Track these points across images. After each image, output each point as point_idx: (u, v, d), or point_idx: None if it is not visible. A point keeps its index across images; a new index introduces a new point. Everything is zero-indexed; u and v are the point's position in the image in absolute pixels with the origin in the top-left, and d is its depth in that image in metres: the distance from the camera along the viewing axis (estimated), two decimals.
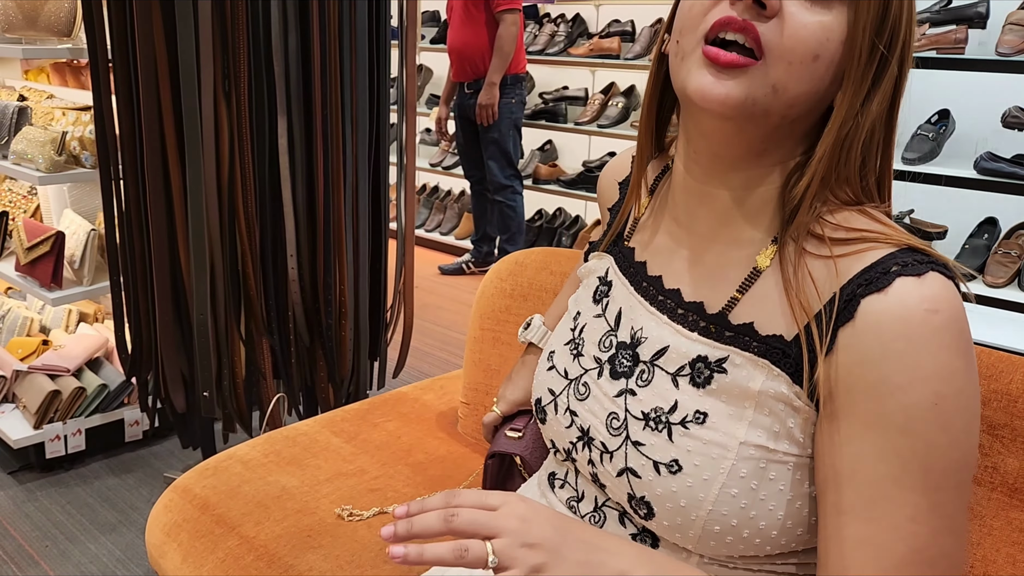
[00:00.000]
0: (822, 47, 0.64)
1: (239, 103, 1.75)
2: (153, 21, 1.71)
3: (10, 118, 2.28)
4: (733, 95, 0.64)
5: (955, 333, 0.62)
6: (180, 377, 1.91)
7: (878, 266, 0.64)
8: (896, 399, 0.62)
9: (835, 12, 0.64)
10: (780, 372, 0.67)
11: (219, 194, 1.77)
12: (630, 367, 0.76)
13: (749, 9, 0.63)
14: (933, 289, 0.63)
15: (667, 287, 0.77)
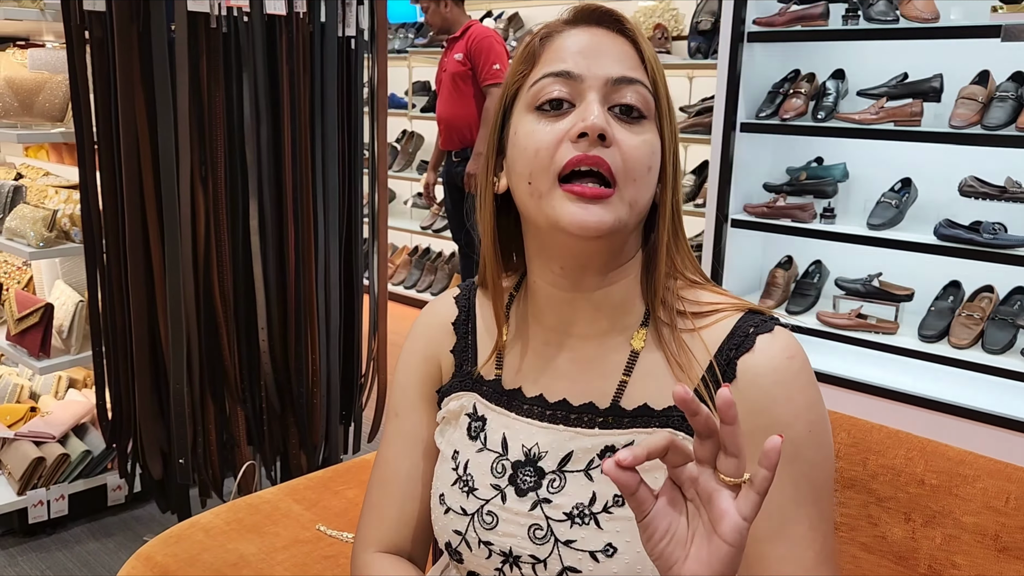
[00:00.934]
0: (651, 159, 0.76)
1: (215, 187, 1.87)
2: (136, 109, 1.84)
3: (5, 196, 2.41)
4: (606, 220, 0.73)
5: (808, 370, 0.77)
6: (157, 444, 1.99)
7: (738, 331, 0.77)
8: (785, 434, 0.72)
9: (648, 128, 0.77)
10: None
11: (195, 271, 1.87)
12: (536, 480, 0.81)
13: (595, 144, 0.73)
14: (784, 339, 0.77)
15: (551, 401, 0.83)
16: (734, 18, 3.38)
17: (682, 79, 3.99)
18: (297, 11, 1.86)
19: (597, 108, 0.74)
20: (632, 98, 0.76)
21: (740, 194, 3.54)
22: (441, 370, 0.94)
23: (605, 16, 0.80)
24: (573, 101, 0.76)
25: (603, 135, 0.73)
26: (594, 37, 0.78)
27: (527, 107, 0.78)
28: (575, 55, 0.77)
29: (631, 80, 0.76)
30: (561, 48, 0.78)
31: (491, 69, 3.85)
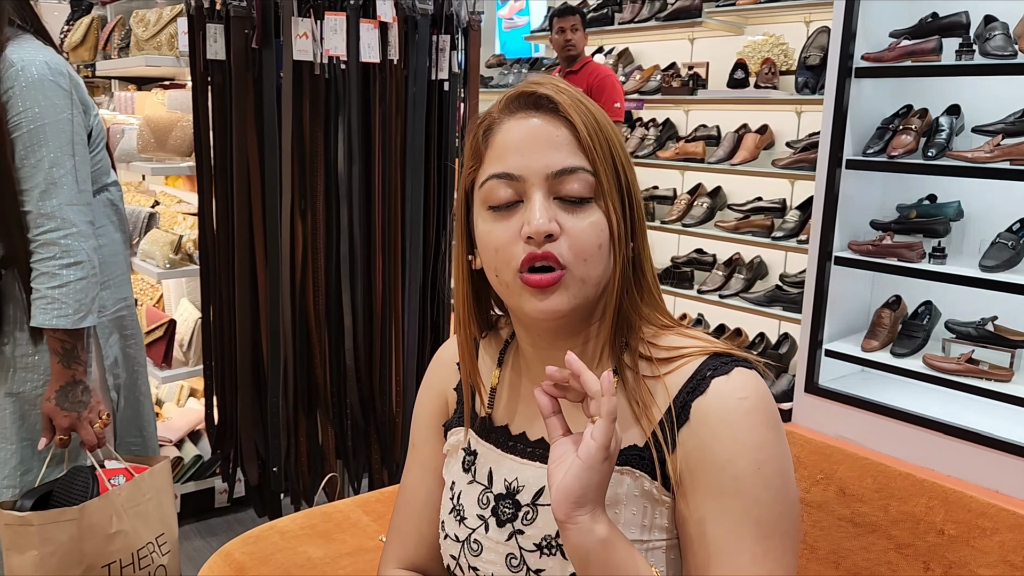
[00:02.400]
0: (600, 237, 0.82)
1: (314, 218, 2.04)
2: (248, 147, 2.04)
3: (142, 221, 2.69)
4: (562, 305, 0.82)
5: (763, 411, 0.80)
6: (255, 453, 2.17)
7: (696, 375, 0.83)
8: (727, 471, 0.78)
9: (594, 209, 0.82)
10: (641, 473, 0.83)
11: (292, 295, 2.04)
12: (513, 512, 0.89)
13: (542, 242, 0.80)
14: (739, 381, 0.81)
15: (532, 439, 0.91)
16: (841, 53, 3.33)
17: (790, 114, 3.95)
18: (391, 58, 2.01)
19: (539, 210, 0.80)
20: (574, 187, 0.81)
21: (845, 231, 3.46)
22: (448, 405, 1.04)
23: (540, 101, 0.83)
24: (520, 198, 0.82)
25: (549, 233, 0.80)
26: (531, 127, 0.83)
27: (481, 203, 0.85)
28: (514, 153, 0.82)
29: (570, 169, 0.81)
30: (501, 146, 0.83)
31: (612, 107, 3.94)
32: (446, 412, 1.04)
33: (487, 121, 0.87)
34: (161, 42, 2.44)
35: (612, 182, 0.82)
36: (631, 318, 0.86)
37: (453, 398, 1.03)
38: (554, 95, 0.83)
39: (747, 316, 3.92)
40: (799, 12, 3.81)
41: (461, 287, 0.92)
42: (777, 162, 3.74)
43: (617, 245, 0.83)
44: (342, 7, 1.94)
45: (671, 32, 4.32)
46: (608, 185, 0.82)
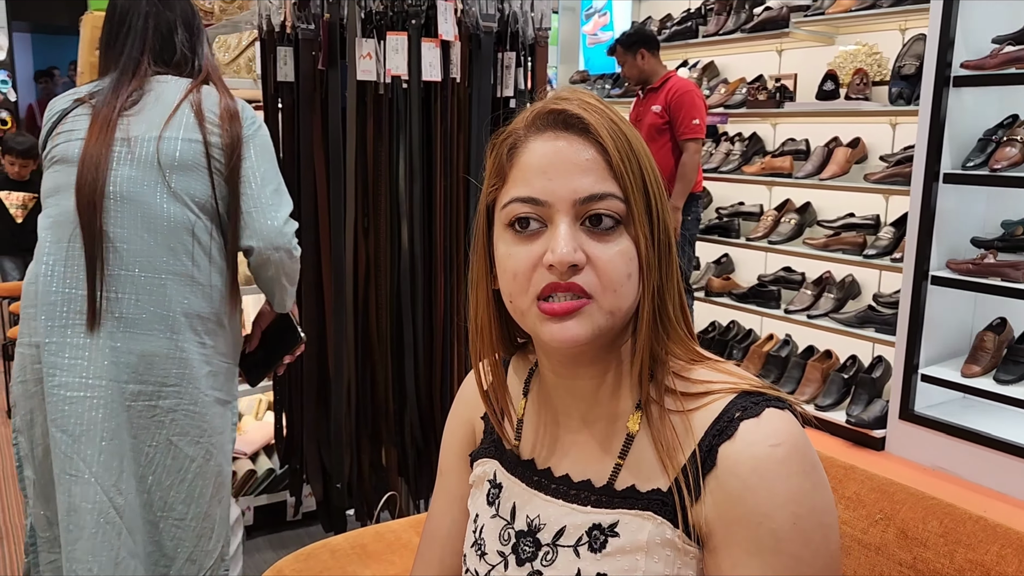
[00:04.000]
0: (630, 266, 0.76)
1: (376, 237, 2.05)
2: (316, 165, 2.07)
3: None
4: (582, 334, 0.75)
5: (798, 459, 0.73)
6: (320, 468, 2.19)
7: (724, 416, 0.76)
8: (764, 526, 0.72)
9: (623, 237, 0.76)
10: (663, 520, 0.77)
11: (355, 313, 2.06)
12: (533, 551, 0.84)
13: (566, 272, 0.74)
14: (772, 425, 0.74)
15: (556, 475, 0.86)
16: (938, 61, 3.15)
17: (883, 126, 3.77)
18: (452, 77, 2.01)
19: (564, 239, 0.74)
20: (602, 213, 0.76)
21: (943, 249, 3.27)
22: (475, 434, 1.00)
23: (569, 120, 0.78)
24: (544, 221, 0.77)
25: (574, 264, 0.74)
26: (559, 149, 0.77)
27: (503, 223, 0.80)
28: (540, 176, 0.76)
29: (599, 196, 0.75)
30: (526, 167, 0.78)
31: (691, 124, 3.85)
32: (473, 441, 1.00)
33: (512, 138, 0.81)
34: (240, 66, 2.52)
35: (643, 208, 0.76)
36: (657, 349, 0.80)
37: (480, 427, 0.99)
38: (584, 114, 0.77)
39: (837, 338, 3.74)
40: (894, 20, 3.64)
41: (484, 310, 0.87)
42: (870, 176, 3.57)
43: (646, 274, 0.77)
44: (404, 27, 1.95)
45: (758, 44, 4.20)
46: (639, 212, 0.76)
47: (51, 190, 1.51)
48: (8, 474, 3.13)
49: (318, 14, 1.99)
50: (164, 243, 1.48)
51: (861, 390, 3.59)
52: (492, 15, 2.06)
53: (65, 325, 1.43)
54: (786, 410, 0.76)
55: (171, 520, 1.53)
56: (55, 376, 1.42)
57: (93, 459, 1.42)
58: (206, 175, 1.52)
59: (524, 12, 2.12)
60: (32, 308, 1.47)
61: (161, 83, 1.55)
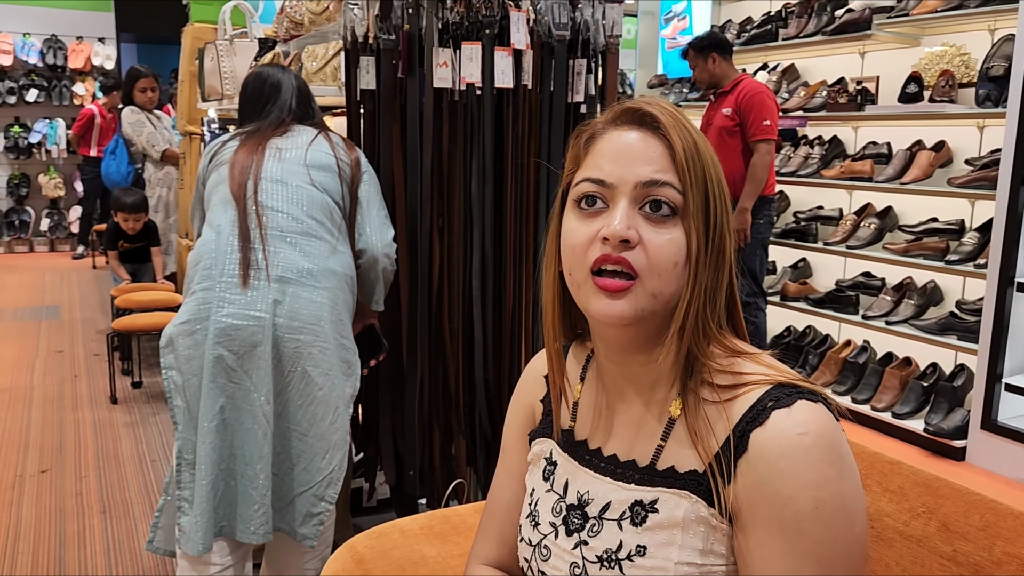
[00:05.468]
0: (677, 255, 0.83)
1: (451, 237, 2.15)
2: (395, 168, 2.18)
3: None
4: (627, 311, 0.83)
5: (824, 448, 0.78)
6: (394, 456, 2.30)
7: (757, 405, 0.82)
8: (787, 508, 0.78)
9: (677, 227, 0.84)
10: (698, 499, 0.84)
11: (429, 309, 2.16)
12: (581, 523, 0.92)
13: (618, 246, 0.83)
14: (802, 415, 0.80)
15: (605, 455, 0.94)
16: None
17: (970, 130, 3.68)
18: (524, 83, 2.09)
19: (620, 215, 0.82)
20: (660, 201, 0.83)
21: None
22: (535, 415, 1.08)
23: (644, 118, 0.87)
24: (607, 202, 0.85)
25: (626, 239, 0.82)
26: (630, 140, 0.86)
27: (572, 203, 0.89)
28: (610, 161, 0.85)
29: (659, 183, 0.83)
30: (599, 153, 0.87)
31: (761, 125, 3.84)
32: (533, 422, 1.08)
33: (591, 129, 0.91)
34: (327, 74, 2.67)
35: (699, 205, 0.83)
36: (700, 342, 0.86)
37: (540, 409, 1.07)
38: (658, 114, 0.85)
39: (917, 345, 3.67)
40: (982, 20, 3.55)
41: (550, 290, 0.96)
42: (953, 180, 3.49)
43: (694, 267, 0.84)
44: (478, 37, 2.04)
45: (840, 46, 4.15)
46: (694, 207, 0.83)
47: (212, 187, 1.97)
48: (110, 453, 3.37)
49: (398, 25, 2.10)
50: (309, 214, 1.88)
51: (941, 399, 3.51)
52: (564, 23, 2.13)
53: (234, 274, 1.80)
54: (819, 403, 0.81)
55: (297, 432, 1.85)
56: (224, 308, 1.76)
57: (253, 372, 1.77)
58: (337, 178, 1.96)
59: (596, 20, 2.19)
60: (210, 261, 1.82)
61: (297, 127, 2.04)
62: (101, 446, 3.46)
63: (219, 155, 2.01)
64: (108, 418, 3.80)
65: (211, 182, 1.99)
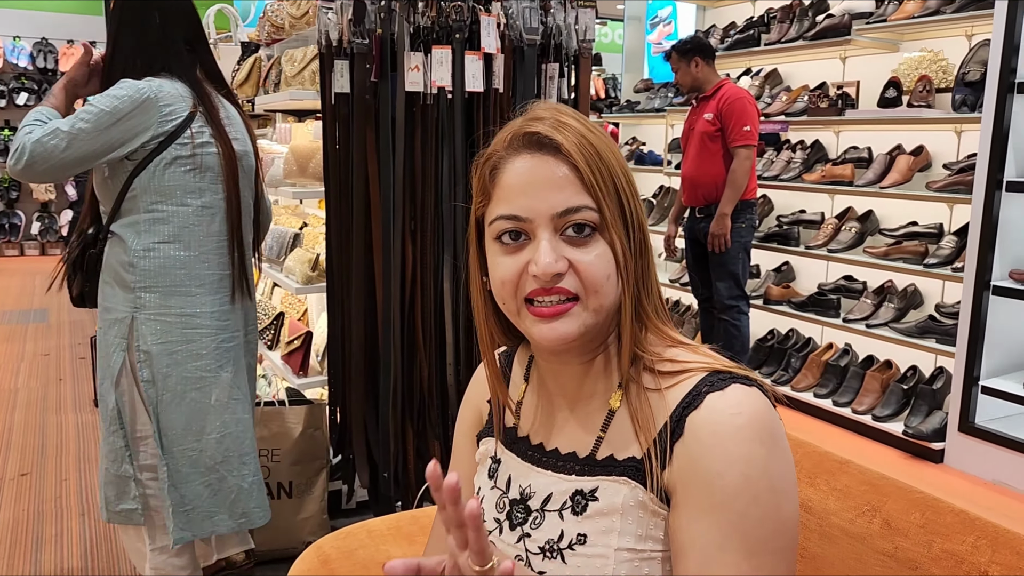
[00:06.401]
0: (607, 268, 0.85)
1: (422, 239, 2.17)
2: (368, 171, 2.20)
3: (288, 241, 2.94)
4: (571, 331, 0.85)
5: (756, 427, 0.80)
6: (367, 458, 2.31)
7: (694, 390, 0.84)
8: (715, 483, 0.80)
9: (600, 242, 0.85)
10: (636, 484, 0.85)
11: (402, 311, 2.17)
12: (524, 517, 0.94)
13: (550, 280, 0.83)
14: (735, 397, 0.82)
15: (547, 449, 0.95)
16: (1002, 67, 3.10)
17: (948, 134, 3.70)
18: (495, 87, 2.11)
19: (545, 250, 0.83)
20: (579, 224, 0.84)
21: (1006, 259, 3.20)
22: (482, 417, 1.09)
23: (541, 140, 0.85)
24: (528, 234, 0.85)
25: (557, 272, 0.83)
26: (534, 168, 0.85)
27: (491, 237, 0.89)
28: (520, 195, 0.85)
29: (575, 209, 0.83)
30: (507, 187, 0.86)
31: (741, 130, 3.86)
32: (480, 423, 1.10)
33: (493, 159, 0.90)
34: (304, 78, 2.68)
35: (616, 214, 0.85)
36: (638, 336, 0.89)
37: (486, 410, 1.09)
38: (554, 135, 0.85)
39: (898, 348, 3.69)
40: (959, 25, 3.58)
41: (481, 309, 0.97)
42: (931, 184, 3.52)
43: (624, 271, 0.86)
44: (449, 41, 2.06)
45: (821, 52, 4.18)
46: (612, 217, 0.84)
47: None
48: (91, 456, 3.37)
49: (371, 29, 2.11)
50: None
51: (921, 401, 3.54)
52: (536, 28, 2.15)
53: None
54: (753, 387, 0.83)
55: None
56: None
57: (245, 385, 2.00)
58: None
59: (568, 25, 2.21)
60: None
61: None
62: (83, 449, 3.46)
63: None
64: (91, 421, 3.79)
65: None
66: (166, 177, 1.84)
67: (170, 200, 1.85)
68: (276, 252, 2.98)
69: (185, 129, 1.85)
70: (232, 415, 1.98)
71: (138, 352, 1.87)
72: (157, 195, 1.85)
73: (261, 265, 2.24)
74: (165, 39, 1.89)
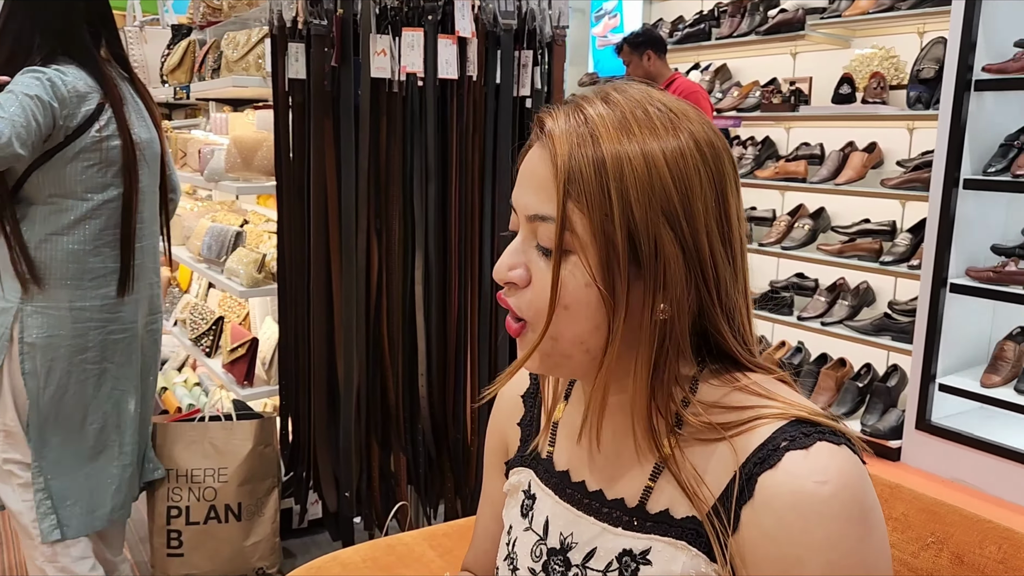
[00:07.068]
0: (566, 297, 0.70)
1: (389, 239, 1.99)
2: (327, 165, 2.01)
3: (229, 240, 2.72)
4: (526, 361, 0.75)
5: (845, 500, 0.65)
6: (332, 476, 2.13)
7: (769, 443, 0.69)
8: (795, 571, 0.65)
9: (569, 261, 0.70)
10: (697, 552, 0.71)
11: (367, 317, 2.00)
12: (563, 572, 0.80)
13: (506, 289, 0.75)
14: (820, 460, 0.66)
15: (590, 490, 0.80)
16: (959, 65, 3.09)
17: (900, 131, 3.71)
18: (469, 75, 1.95)
19: (507, 252, 0.74)
20: (542, 238, 0.72)
21: (963, 257, 3.20)
22: (509, 441, 0.96)
23: (541, 123, 0.73)
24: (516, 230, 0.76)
25: (510, 282, 0.73)
26: (530, 157, 0.74)
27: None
28: (517, 184, 0.76)
29: (541, 217, 0.71)
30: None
31: None
32: (506, 449, 0.97)
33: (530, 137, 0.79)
34: (249, 63, 2.47)
35: (595, 234, 0.67)
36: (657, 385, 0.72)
37: (516, 434, 0.94)
38: (548, 119, 0.71)
39: (852, 345, 3.67)
40: (912, 23, 3.58)
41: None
42: (886, 182, 3.51)
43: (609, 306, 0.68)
44: (420, 23, 1.89)
45: (772, 47, 4.14)
46: (581, 240, 0.68)
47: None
48: None
49: (331, 9, 1.93)
50: None
51: (876, 399, 3.53)
52: (511, 12, 2.00)
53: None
54: (842, 444, 0.68)
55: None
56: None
57: (135, 377, 1.95)
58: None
59: (542, 10, 2.06)
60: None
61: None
62: None
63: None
64: None
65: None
66: (68, 172, 1.73)
67: (71, 195, 1.75)
68: (216, 252, 2.76)
69: (93, 123, 1.74)
70: (115, 406, 1.92)
71: (22, 344, 1.76)
72: (57, 188, 1.74)
73: (170, 250, 2.13)
74: (65, 20, 1.73)
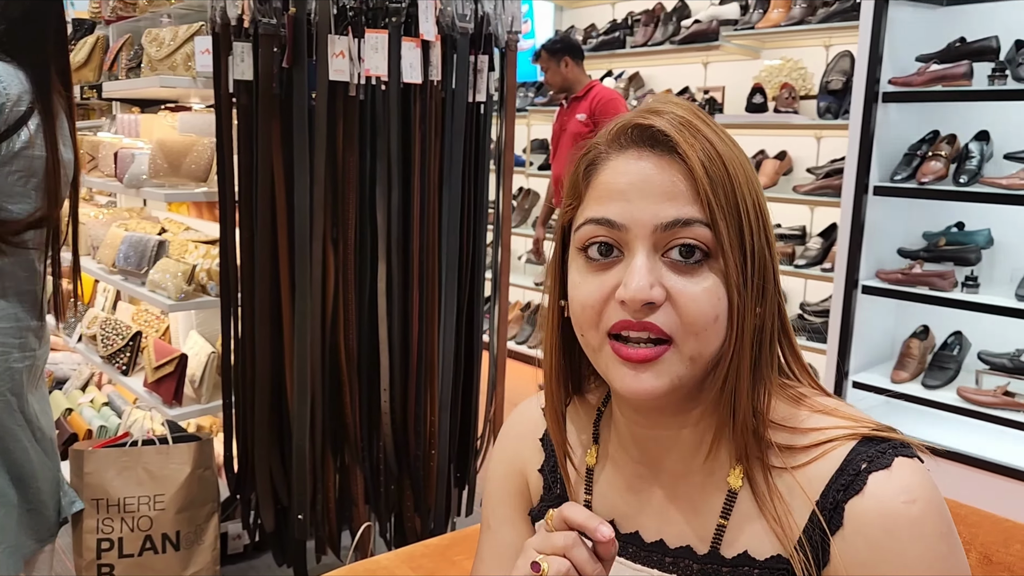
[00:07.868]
0: (717, 307, 0.67)
1: (345, 249, 1.91)
2: (275, 172, 1.91)
3: (151, 250, 2.55)
4: (659, 385, 0.67)
5: (934, 518, 0.65)
6: (272, 498, 2.02)
7: (847, 467, 0.67)
8: None
9: (710, 272, 0.67)
10: None
11: (323, 329, 1.91)
12: None
13: (640, 311, 0.66)
14: (904, 479, 0.66)
15: (648, 541, 0.76)
16: (868, 77, 3.26)
17: (808, 139, 3.88)
18: (432, 79, 1.90)
19: (639, 271, 0.66)
20: (690, 241, 0.66)
21: (872, 260, 3.38)
22: (529, 487, 0.88)
23: (656, 136, 0.68)
24: (622, 248, 0.68)
25: (650, 302, 0.65)
26: (642, 168, 0.68)
27: (576, 247, 0.71)
28: (618, 197, 0.68)
29: (685, 222, 0.66)
30: (604, 186, 0.70)
31: None
32: (526, 494, 0.88)
33: (592, 154, 0.72)
34: (176, 62, 2.32)
35: (735, 240, 0.67)
36: (757, 399, 0.70)
37: (537, 480, 0.86)
38: (672, 132, 0.67)
39: None
40: (819, 36, 3.75)
41: (551, 338, 0.78)
42: (799, 188, 3.66)
43: (737, 316, 0.67)
44: (383, 25, 1.82)
45: (684, 56, 4.26)
46: (730, 243, 0.66)
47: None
48: None
49: (279, 8, 1.83)
50: None
51: None
52: (466, 16, 1.96)
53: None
54: (915, 458, 0.68)
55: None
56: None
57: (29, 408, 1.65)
58: None
59: (497, 14, 2.03)
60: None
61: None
62: None
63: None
64: None
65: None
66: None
67: None
68: (135, 263, 2.58)
69: (21, 127, 1.53)
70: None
71: None
72: None
73: (78, 261, 1.92)
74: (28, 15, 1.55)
